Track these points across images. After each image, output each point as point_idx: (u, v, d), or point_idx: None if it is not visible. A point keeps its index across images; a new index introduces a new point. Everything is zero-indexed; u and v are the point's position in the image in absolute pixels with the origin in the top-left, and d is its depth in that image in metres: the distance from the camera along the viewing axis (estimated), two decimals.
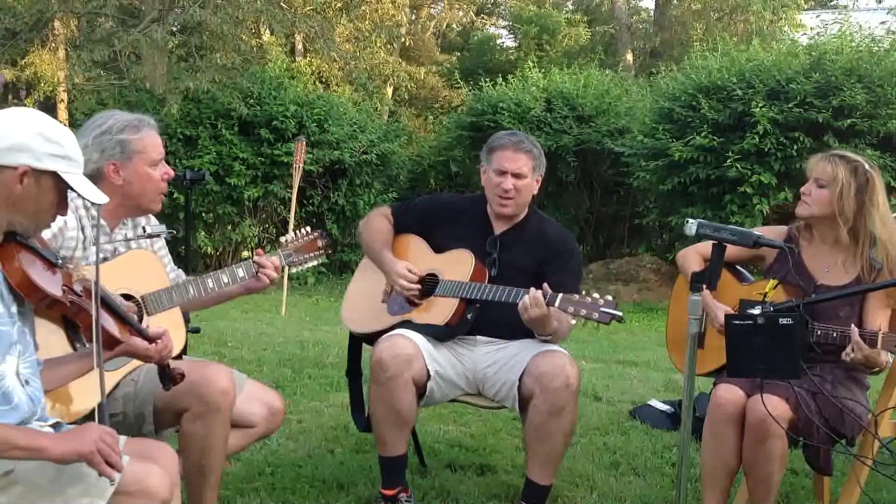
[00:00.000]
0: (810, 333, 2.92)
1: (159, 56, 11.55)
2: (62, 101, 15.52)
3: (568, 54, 20.20)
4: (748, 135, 9.58)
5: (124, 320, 2.23)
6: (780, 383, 2.77)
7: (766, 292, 2.70)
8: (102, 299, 2.08)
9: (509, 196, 3.27)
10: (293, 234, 3.08)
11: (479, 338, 3.30)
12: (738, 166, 9.57)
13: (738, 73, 10.11)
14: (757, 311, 2.53)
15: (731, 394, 2.91)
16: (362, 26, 16.23)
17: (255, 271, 2.88)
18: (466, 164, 13.12)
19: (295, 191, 9.40)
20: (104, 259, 2.68)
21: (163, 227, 2.91)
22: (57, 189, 2.02)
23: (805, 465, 3.37)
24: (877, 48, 10.44)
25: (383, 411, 3.13)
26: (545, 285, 3.00)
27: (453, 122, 14.04)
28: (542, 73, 13.68)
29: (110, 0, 10.89)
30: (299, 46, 17.44)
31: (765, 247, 2.80)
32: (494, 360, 3.26)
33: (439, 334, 3.23)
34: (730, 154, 9.63)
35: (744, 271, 3.34)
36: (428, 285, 3.32)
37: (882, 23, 12.90)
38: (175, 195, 10.16)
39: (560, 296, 2.95)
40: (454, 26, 23.72)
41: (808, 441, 2.88)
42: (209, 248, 11.62)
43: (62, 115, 15.39)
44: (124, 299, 2.56)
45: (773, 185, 9.57)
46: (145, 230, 2.83)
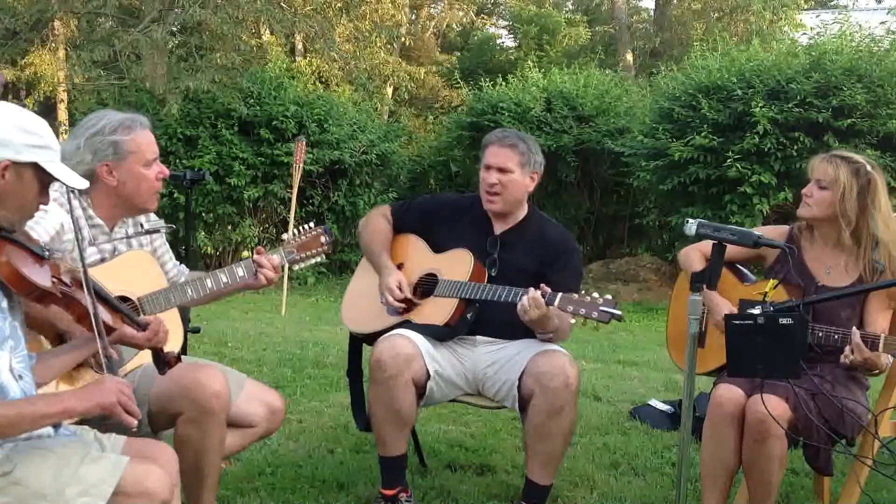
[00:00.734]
0: (811, 335, 2.92)
1: (159, 56, 11.54)
2: (62, 101, 15.53)
3: (568, 54, 20.21)
4: (748, 135, 9.59)
5: (115, 308, 2.24)
6: (780, 383, 2.77)
7: (766, 292, 2.70)
8: (93, 288, 2.08)
9: (495, 191, 3.27)
10: (295, 232, 3.04)
11: (478, 338, 3.30)
12: (738, 166, 9.57)
13: (738, 73, 10.11)
14: (757, 310, 2.53)
15: (731, 394, 2.90)
16: (362, 26, 16.22)
17: (254, 271, 2.86)
18: (466, 164, 13.12)
19: (295, 191, 9.39)
20: (102, 259, 2.68)
21: (161, 222, 2.90)
22: (38, 179, 2.02)
23: (805, 465, 3.36)
24: (877, 48, 10.45)
25: (383, 411, 3.12)
26: (543, 285, 2.99)
27: (453, 122, 14.04)
28: (542, 73, 13.68)
29: (110, 0, 10.89)
30: (299, 46, 17.43)
31: (765, 246, 2.79)
32: (494, 359, 3.26)
33: (439, 334, 3.23)
34: (730, 154, 9.63)
35: (745, 271, 3.34)
36: (427, 285, 3.32)
37: (882, 23, 12.89)
38: (175, 195, 10.17)
39: (559, 295, 2.94)
40: (454, 26, 23.71)
41: (808, 441, 2.87)
42: (209, 248, 11.62)
43: (62, 115, 15.41)
44: (121, 301, 2.55)
45: (773, 185, 9.57)
46: (143, 226, 2.82)
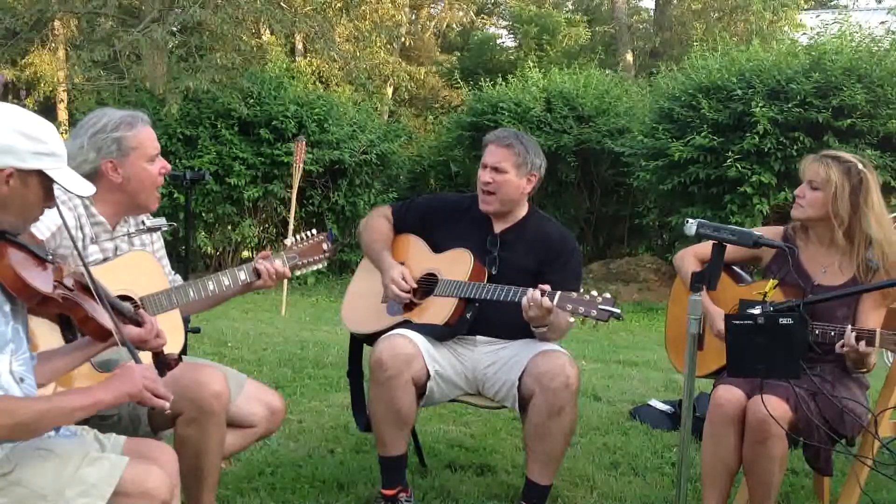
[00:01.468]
0: (809, 333, 2.92)
1: (159, 56, 11.55)
2: (62, 101, 15.55)
3: (568, 54, 20.21)
4: (748, 135, 9.59)
5: (116, 309, 2.23)
6: (780, 384, 2.77)
7: (765, 292, 2.70)
8: (94, 288, 2.08)
9: (489, 190, 3.28)
10: (298, 237, 3.04)
11: (478, 338, 3.29)
12: (738, 166, 9.57)
13: (738, 73, 10.11)
14: (757, 310, 2.53)
15: (731, 394, 2.90)
16: (362, 26, 16.22)
17: (256, 276, 2.87)
18: (466, 164, 13.12)
19: (295, 191, 9.39)
20: (105, 259, 2.68)
21: (163, 220, 2.90)
22: (43, 185, 2.01)
23: (805, 465, 3.37)
24: (877, 48, 10.46)
25: (383, 411, 3.12)
26: (541, 285, 2.99)
27: (453, 122, 14.04)
28: (542, 73, 13.68)
29: (110, 0, 10.89)
30: (299, 46, 17.44)
31: (764, 247, 2.79)
32: (494, 359, 3.26)
33: (439, 334, 3.23)
34: (730, 154, 9.63)
35: (741, 272, 3.34)
36: (427, 285, 3.32)
37: (882, 23, 12.89)
38: (175, 195, 10.17)
39: (558, 293, 2.94)
40: (454, 26, 23.71)
41: (809, 441, 2.87)
42: (209, 248, 11.63)
43: (62, 115, 15.42)
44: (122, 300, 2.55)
45: (773, 185, 9.58)
46: (145, 224, 2.83)
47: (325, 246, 3.04)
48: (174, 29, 11.87)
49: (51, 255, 2.07)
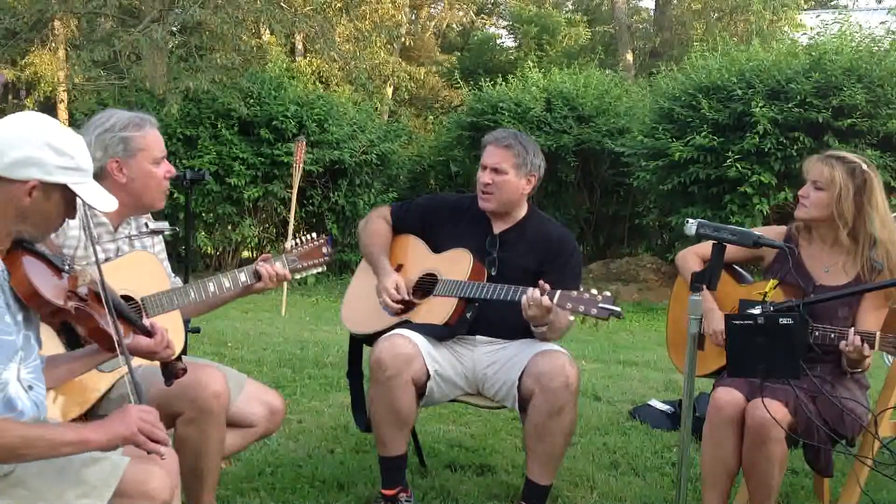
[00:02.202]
0: (809, 334, 2.92)
1: (159, 56, 11.55)
2: (62, 101, 15.52)
3: (568, 54, 20.22)
4: (748, 135, 9.59)
5: (126, 318, 2.22)
6: (780, 386, 2.77)
7: (766, 292, 2.70)
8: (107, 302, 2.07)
9: (488, 191, 3.28)
10: (298, 241, 3.06)
11: (478, 338, 3.29)
12: (738, 166, 9.57)
13: (738, 73, 10.11)
14: (757, 310, 2.53)
15: (731, 396, 2.90)
16: (362, 26, 16.23)
17: (257, 279, 2.88)
18: (466, 164, 13.12)
19: (295, 191, 9.40)
20: (106, 259, 2.68)
21: (165, 224, 2.90)
22: (65, 199, 2.00)
23: (805, 465, 3.36)
24: (877, 48, 10.46)
25: (383, 411, 3.12)
26: (541, 283, 2.99)
27: (453, 122, 14.05)
28: (542, 73, 13.69)
29: (110, 0, 10.89)
30: (299, 46, 17.45)
31: (765, 247, 2.79)
32: (494, 359, 3.26)
33: (439, 334, 3.22)
34: (730, 154, 9.63)
35: (743, 272, 3.34)
36: (427, 285, 3.32)
37: (882, 23, 12.88)
38: (175, 195, 10.16)
39: (558, 292, 2.94)
40: (454, 26, 23.74)
41: (809, 442, 2.87)
42: (209, 248, 11.64)
43: (62, 115, 15.40)
44: (123, 301, 2.55)
45: (773, 185, 9.58)
46: (147, 226, 2.83)
47: (325, 250, 3.07)
48: (174, 29, 11.89)
49: (67, 265, 2.06)
